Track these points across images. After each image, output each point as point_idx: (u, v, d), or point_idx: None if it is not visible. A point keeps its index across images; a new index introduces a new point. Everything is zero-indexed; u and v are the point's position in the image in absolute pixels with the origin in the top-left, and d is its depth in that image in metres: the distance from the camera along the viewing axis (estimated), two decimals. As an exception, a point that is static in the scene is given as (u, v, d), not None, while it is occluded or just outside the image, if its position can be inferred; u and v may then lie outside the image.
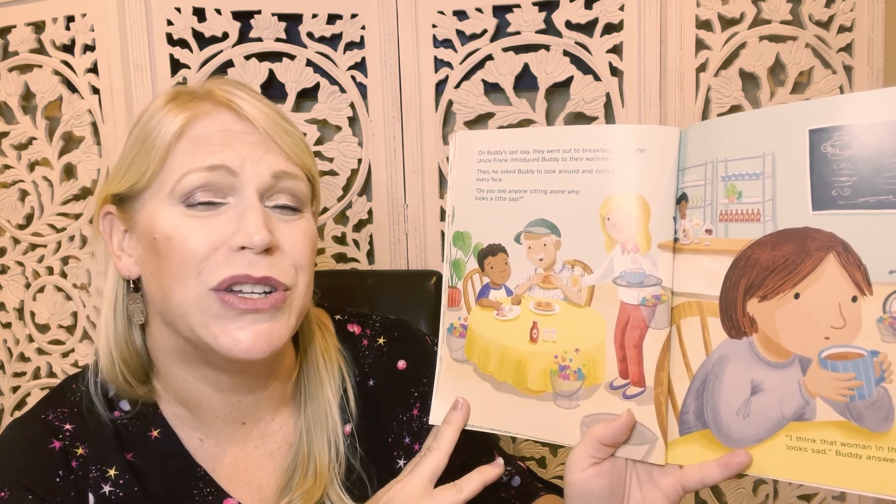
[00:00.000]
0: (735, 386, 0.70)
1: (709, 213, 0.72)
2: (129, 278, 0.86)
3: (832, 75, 1.69)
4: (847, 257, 0.63)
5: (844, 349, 0.63)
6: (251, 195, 0.81)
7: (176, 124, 0.80)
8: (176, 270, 0.79)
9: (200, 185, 0.79)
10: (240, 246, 0.78)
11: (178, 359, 0.86)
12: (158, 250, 0.80)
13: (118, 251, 0.86)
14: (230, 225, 0.79)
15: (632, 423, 0.75)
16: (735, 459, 0.69)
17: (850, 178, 0.63)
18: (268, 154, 0.82)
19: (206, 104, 0.83)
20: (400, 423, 0.98)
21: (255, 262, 0.79)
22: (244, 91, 0.85)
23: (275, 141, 0.84)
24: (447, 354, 0.86)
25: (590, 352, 0.78)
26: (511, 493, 1.03)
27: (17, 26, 1.64)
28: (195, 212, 0.79)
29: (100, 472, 0.84)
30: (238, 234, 0.79)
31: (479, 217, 0.84)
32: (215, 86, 0.85)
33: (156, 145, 0.80)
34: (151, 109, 0.84)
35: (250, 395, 0.90)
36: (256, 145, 0.82)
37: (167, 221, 0.79)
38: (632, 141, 0.75)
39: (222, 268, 0.78)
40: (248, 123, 0.83)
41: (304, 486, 0.89)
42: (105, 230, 0.87)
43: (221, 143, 0.80)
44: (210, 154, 0.79)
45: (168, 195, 0.80)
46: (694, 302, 0.72)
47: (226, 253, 0.79)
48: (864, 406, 0.63)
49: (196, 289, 0.78)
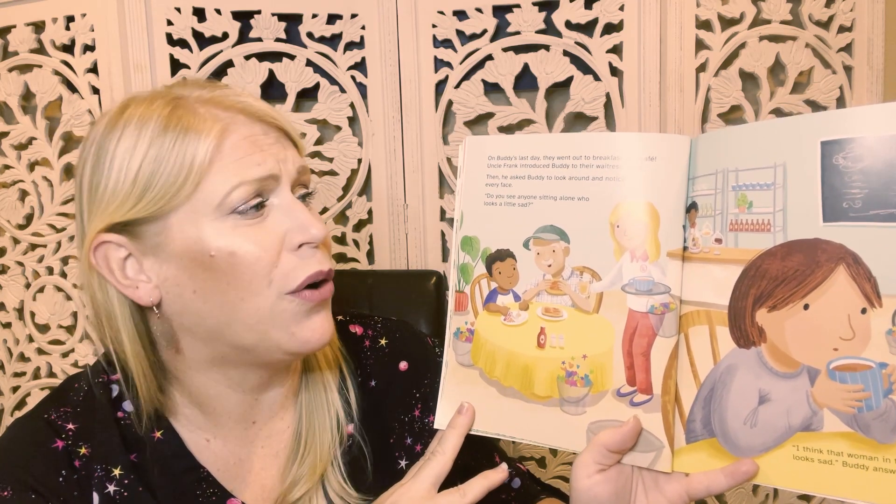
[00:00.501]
0: (742, 395, 0.70)
1: (719, 223, 0.72)
2: (152, 304, 0.83)
3: (832, 75, 1.69)
4: (857, 269, 0.63)
5: (853, 360, 0.64)
6: (288, 193, 0.82)
7: (210, 143, 0.78)
8: (247, 282, 0.78)
9: (250, 194, 0.79)
10: (300, 244, 0.80)
11: (210, 366, 0.86)
12: (217, 266, 0.78)
13: (124, 280, 0.82)
14: (280, 226, 0.80)
15: (638, 429, 0.75)
16: (741, 468, 0.70)
17: (861, 191, 0.63)
18: (288, 150, 0.84)
19: (220, 113, 0.81)
20: (401, 423, 0.98)
21: (318, 256, 0.82)
22: (234, 90, 0.85)
23: (289, 136, 0.86)
24: (453, 359, 0.86)
25: (597, 358, 0.78)
26: (511, 494, 1.04)
27: (17, 26, 1.64)
28: (247, 221, 0.79)
29: (105, 472, 0.84)
30: (294, 231, 0.80)
31: (488, 222, 0.84)
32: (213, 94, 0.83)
33: (189, 166, 0.78)
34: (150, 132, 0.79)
35: (268, 391, 0.91)
36: (277, 144, 0.83)
37: (221, 237, 0.78)
38: (642, 149, 0.75)
39: (295, 271, 0.80)
40: (264, 124, 0.83)
41: (302, 469, 0.90)
42: (101, 264, 0.82)
43: (256, 150, 0.80)
44: (254, 166, 0.79)
45: (215, 210, 0.78)
46: (702, 311, 0.72)
47: (288, 255, 0.80)
48: (871, 418, 0.63)
49: (270, 297, 0.79)
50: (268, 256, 0.79)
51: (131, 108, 0.81)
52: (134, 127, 0.79)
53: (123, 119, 0.80)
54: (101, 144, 0.81)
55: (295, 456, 0.92)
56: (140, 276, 0.82)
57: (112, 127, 0.81)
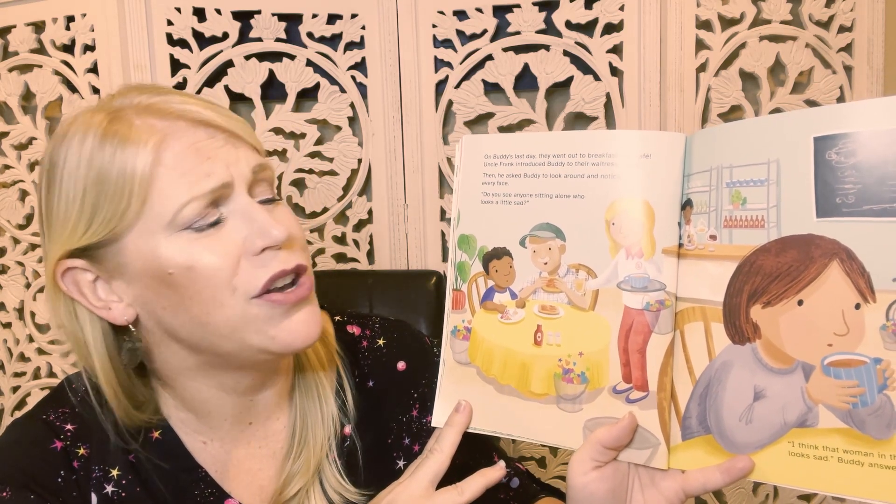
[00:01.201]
0: (738, 391, 0.70)
1: (713, 219, 0.71)
2: (129, 323, 0.82)
3: (832, 75, 1.69)
4: (851, 264, 0.63)
5: (847, 356, 0.63)
6: (244, 196, 0.79)
7: (147, 156, 0.75)
8: (209, 296, 0.77)
9: (204, 209, 0.76)
10: (261, 248, 0.77)
11: (197, 372, 0.85)
12: (178, 283, 0.77)
13: (97, 302, 0.81)
14: (239, 233, 0.78)
15: (634, 425, 0.75)
16: (737, 465, 0.69)
17: (854, 186, 0.62)
18: (239, 151, 0.80)
19: (156, 122, 0.78)
20: (399, 424, 0.98)
21: (281, 256, 0.79)
22: (174, 94, 0.81)
23: (238, 136, 0.81)
24: (450, 357, 0.86)
25: (593, 356, 0.78)
26: (510, 494, 1.03)
27: (17, 26, 1.65)
28: (200, 233, 0.77)
29: (103, 472, 0.84)
30: (254, 237, 0.77)
31: (485, 220, 0.84)
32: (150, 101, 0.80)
33: (130, 183, 0.75)
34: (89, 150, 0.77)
35: (262, 392, 0.90)
36: (225, 147, 0.79)
37: (179, 253, 0.76)
38: (637, 146, 0.75)
39: (256, 273, 0.77)
40: (207, 127, 0.79)
41: (297, 464, 0.90)
42: (71, 289, 0.81)
43: (201, 159, 0.77)
44: (203, 177, 0.76)
45: (167, 226, 0.76)
46: (698, 307, 0.72)
47: (249, 261, 0.77)
48: (866, 413, 0.63)
49: (237, 305, 0.77)
50: (227, 266, 0.76)
51: (75, 124, 0.79)
52: (77, 144, 0.77)
53: (67, 138, 0.78)
54: (50, 167, 0.79)
55: (290, 453, 0.92)
56: (111, 296, 0.81)
57: (58, 147, 0.79)
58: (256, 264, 0.78)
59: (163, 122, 0.77)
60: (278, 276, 0.78)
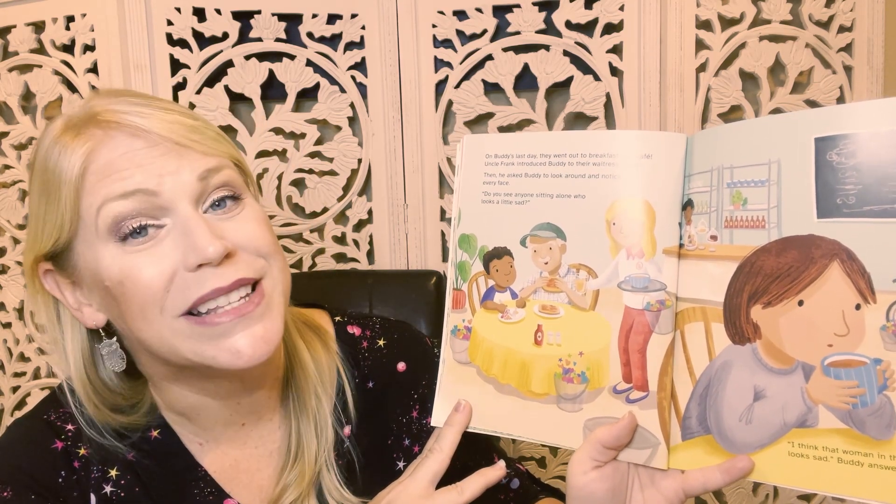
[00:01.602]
0: (738, 392, 0.70)
1: (714, 220, 0.72)
2: (99, 327, 0.82)
3: (832, 75, 1.69)
4: (851, 265, 0.63)
5: (847, 357, 0.64)
6: (185, 208, 0.76)
7: (76, 162, 0.75)
8: (138, 311, 0.75)
9: (121, 215, 0.74)
10: (196, 265, 0.74)
11: (173, 380, 0.85)
12: (115, 296, 0.76)
13: (76, 305, 0.82)
14: (177, 248, 0.75)
15: (634, 424, 0.75)
16: (737, 465, 0.69)
17: (855, 187, 0.63)
18: (183, 160, 0.77)
19: (96, 131, 0.77)
20: (399, 425, 0.98)
21: (219, 273, 0.75)
22: (130, 100, 0.80)
23: (183, 145, 0.78)
24: (450, 356, 0.86)
25: (594, 355, 0.78)
26: (510, 495, 1.04)
27: (17, 26, 1.64)
28: (133, 246, 0.75)
29: (101, 473, 0.85)
30: (189, 253, 0.74)
31: (486, 220, 0.84)
32: (100, 107, 0.79)
33: (62, 191, 0.75)
34: (42, 155, 0.79)
35: (249, 395, 0.90)
36: (167, 156, 0.76)
37: (112, 265, 0.75)
38: (638, 147, 0.75)
39: (187, 292, 0.75)
40: (148, 137, 0.77)
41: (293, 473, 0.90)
42: (53, 288, 0.82)
43: (130, 166, 0.75)
44: (120, 181, 0.74)
45: (96, 235, 0.75)
46: (698, 307, 0.72)
47: (184, 278, 0.75)
48: (866, 414, 0.63)
49: (164, 322, 0.76)
50: (158, 283, 0.74)
51: (50, 125, 0.80)
52: (40, 148, 0.79)
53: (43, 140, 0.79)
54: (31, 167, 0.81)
55: (286, 462, 0.91)
56: (83, 299, 0.82)
57: (37, 148, 0.80)
58: (192, 281, 0.75)
59: (101, 130, 0.77)
60: (210, 296, 0.76)
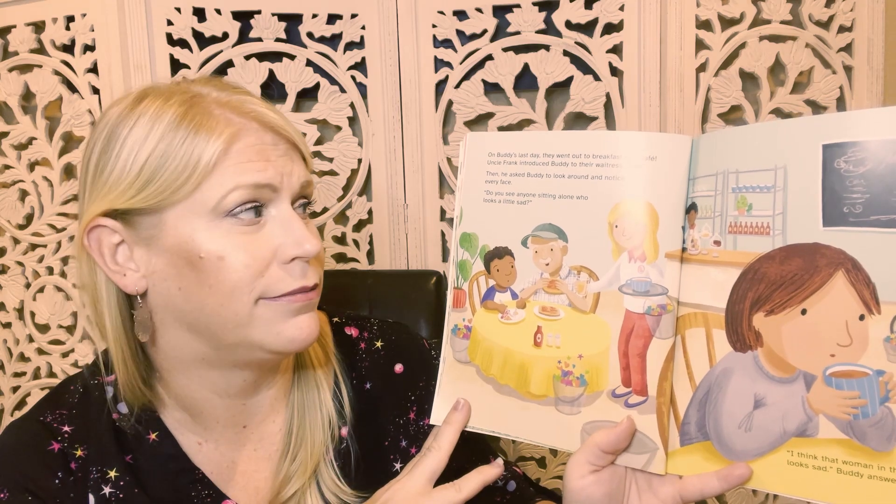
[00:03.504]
0: (738, 399, 0.70)
1: (718, 225, 0.71)
2: (137, 294, 0.83)
3: (832, 75, 1.69)
4: (856, 275, 0.62)
5: (850, 367, 0.63)
6: (287, 206, 0.82)
7: (218, 146, 0.78)
8: (229, 288, 0.78)
9: (246, 201, 0.79)
10: (291, 258, 0.80)
11: (190, 366, 0.86)
12: (204, 269, 0.78)
13: (115, 266, 0.83)
14: (274, 238, 0.80)
15: (632, 429, 0.75)
16: (735, 472, 0.69)
17: (862, 195, 0.62)
18: (295, 164, 0.83)
19: (233, 117, 0.81)
20: (396, 426, 0.98)
21: (307, 270, 0.82)
22: (250, 97, 0.85)
23: (298, 148, 0.85)
24: (450, 355, 0.86)
25: (593, 358, 0.78)
26: (506, 497, 1.03)
27: (17, 26, 1.64)
28: (241, 228, 0.79)
29: (100, 474, 0.84)
30: (289, 246, 0.80)
31: (487, 219, 0.83)
32: (228, 97, 0.83)
33: (193, 167, 0.78)
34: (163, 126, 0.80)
35: (255, 396, 0.91)
36: (285, 157, 0.82)
37: (213, 240, 0.78)
38: (643, 148, 0.75)
39: (279, 283, 0.80)
40: (275, 134, 0.82)
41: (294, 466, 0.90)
42: (93, 246, 0.82)
43: (261, 159, 0.80)
44: (255, 172, 0.79)
45: (210, 211, 0.78)
46: (700, 313, 0.72)
47: (277, 266, 0.80)
48: (867, 425, 0.63)
49: (250, 304, 0.79)
50: (256, 266, 0.79)
51: (148, 99, 0.81)
52: (148, 119, 0.80)
53: (139, 109, 0.80)
54: (112, 130, 0.81)
55: (286, 453, 0.92)
56: (129, 263, 0.82)
57: (126, 115, 0.81)
58: (282, 272, 0.80)
59: (239, 118, 0.81)
60: (298, 292, 0.81)
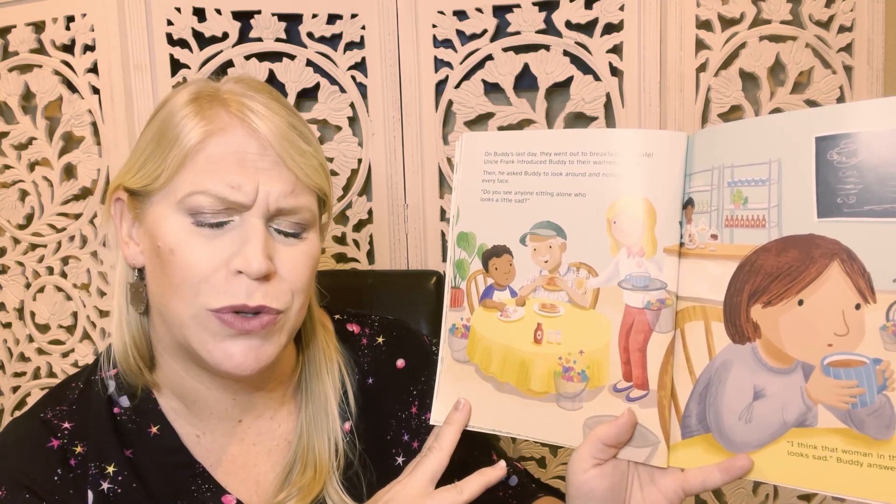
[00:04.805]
0: (737, 391, 0.70)
1: (715, 219, 0.72)
2: (135, 266, 0.87)
3: (832, 75, 1.69)
4: (851, 265, 0.63)
5: (847, 356, 0.64)
6: (256, 220, 0.80)
7: (194, 137, 0.79)
8: (176, 284, 0.79)
9: (211, 210, 0.79)
10: (235, 271, 0.79)
11: (174, 353, 0.87)
12: (161, 258, 0.80)
13: (126, 238, 0.86)
14: (231, 246, 0.79)
15: (633, 422, 0.75)
16: (736, 464, 0.70)
17: (855, 186, 0.63)
18: (279, 181, 0.81)
19: (223, 115, 0.81)
20: (399, 420, 0.99)
21: (252, 288, 0.79)
22: (261, 99, 0.83)
23: (286, 163, 0.82)
24: (449, 355, 0.86)
25: (594, 354, 0.78)
26: (508, 492, 1.04)
27: (17, 26, 1.64)
28: (199, 227, 0.80)
29: (99, 469, 0.84)
30: (238, 258, 0.79)
31: (485, 218, 0.84)
32: (232, 94, 0.83)
33: (171, 152, 0.80)
34: (172, 106, 0.82)
35: (246, 394, 0.91)
36: (269, 170, 0.81)
37: (172, 233, 0.80)
38: (639, 145, 0.76)
39: (221, 295, 0.79)
40: (264, 143, 0.81)
41: (303, 480, 0.90)
42: (115, 214, 0.88)
43: (238, 170, 0.79)
44: (227, 186, 0.78)
45: (176, 204, 0.80)
46: (698, 306, 0.73)
47: (224, 275, 0.79)
48: (865, 413, 0.63)
49: (193, 307, 0.79)
50: (203, 269, 0.79)
51: (191, 83, 0.86)
52: (172, 99, 0.84)
53: (177, 91, 0.85)
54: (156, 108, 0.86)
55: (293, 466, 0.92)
56: (135, 238, 0.86)
57: (168, 98, 0.85)
58: (229, 284, 0.79)
59: (230, 116, 0.81)
60: (236, 308, 0.79)
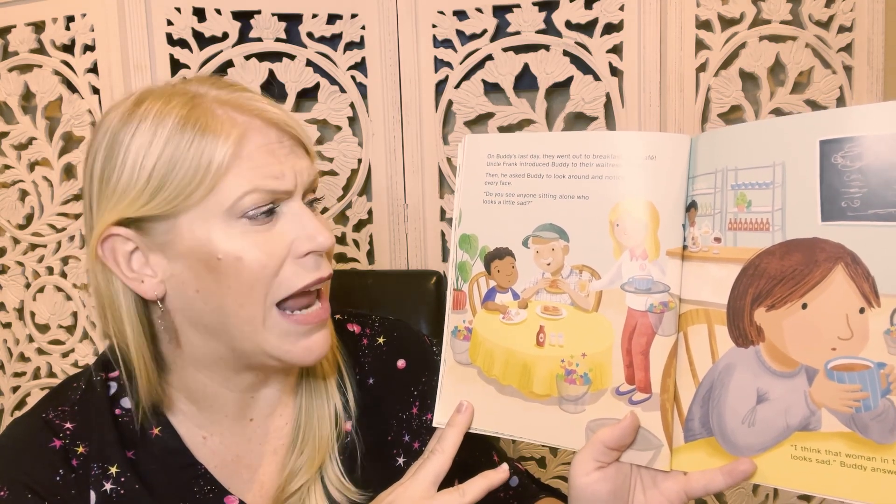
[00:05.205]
0: (741, 394, 0.70)
1: (718, 222, 0.72)
2: (157, 299, 0.83)
3: (832, 75, 1.69)
4: (855, 269, 0.63)
5: (851, 360, 0.64)
6: (299, 202, 0.83)
7: (228, 148, 0.78)
8: (247, 288, 0.79)
9: (263, 204, 0.79)
10: (306, 252, 0.81)
11: (208, 365, 0.86)
12: (222, 270, 0.79)
13: (129, 273, 0.82)
14: (288, 234, 0.81)
15: (636, 424, 0.75)
16: (739, 468, 0.70)
17: (860, 190, 0.62)
18: (303, 160, 0.84)
19: (237, 116, 0.81)
20: (399, 421, 0.99)
21: (320, 262, 0.83)
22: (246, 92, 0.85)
23: (302, 143, 0.86)
24: (451, 357, 0.86)
25: (596, 357, 0.78)
26: (509, 493, 1.04)
27: (17, 26, 1.64)
28: (255, 227, 0.80)
29: (101, 470, 0.84)
30: (302, 240, 0.81)
31: (487, 220, 0.84)
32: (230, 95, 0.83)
33: (204, 170, 0.77)
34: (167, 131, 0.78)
35: (263, 389, 0.92)
36: (293, 153, 0.83)
37: (230, 241, 0.79)
38: (642, 148, 0.75)
39: (294, 279, 0.81)
40: (279, 131, 0.83)
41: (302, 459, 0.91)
42: (107, 256, 0.82)
43: (273, 161, 0.80)
44: (271, 178, 0.79)
45: (225, 213, 0.78)
46: (701, 310, 0.73)
47: (292, 262, 0.81)
48: (869, 418, 0.63)
49: (266, 307, 0.81)
50: (273, 264, 0.80)
51: (148, 102, 0.80)
52: (150, 123, 0.79)
53: (140, 113, 0.80)
54: (114, 136, 0.80)
55: (293, 447, 0.92)
56: (145, 269, 0.82)
57: (127, 120, 0.80)
58: (297, 267, 0.81)
59: (243, 116, 0.81)
60: (315, 283, 0.82)
